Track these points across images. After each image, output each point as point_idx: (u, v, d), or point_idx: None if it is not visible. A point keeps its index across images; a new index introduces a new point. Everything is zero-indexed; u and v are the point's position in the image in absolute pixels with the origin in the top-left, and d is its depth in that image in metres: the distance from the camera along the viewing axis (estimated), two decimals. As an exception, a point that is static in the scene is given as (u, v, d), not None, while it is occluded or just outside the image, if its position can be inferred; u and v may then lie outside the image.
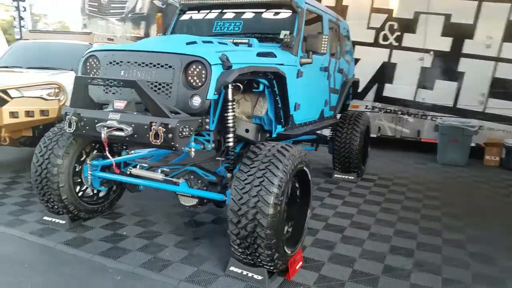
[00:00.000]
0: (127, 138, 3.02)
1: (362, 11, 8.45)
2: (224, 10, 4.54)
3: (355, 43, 8.44)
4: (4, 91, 4.98)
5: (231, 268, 3.13)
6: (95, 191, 4.13)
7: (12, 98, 5.01)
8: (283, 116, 3.94)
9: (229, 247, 3.06)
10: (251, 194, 2.86)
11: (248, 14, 4.43)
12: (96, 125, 3.10)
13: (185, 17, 4.77)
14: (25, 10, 11.18)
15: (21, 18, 11.05)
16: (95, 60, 3.45)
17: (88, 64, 3.49)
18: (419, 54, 8.06)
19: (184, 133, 2.91)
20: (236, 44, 3.93)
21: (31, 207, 4.32)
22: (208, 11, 4.62)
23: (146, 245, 3.56)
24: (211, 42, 3.65)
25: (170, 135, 2.85)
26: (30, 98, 5.16)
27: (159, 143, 2.88)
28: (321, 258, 3.46)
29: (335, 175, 6.05)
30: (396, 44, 8.23)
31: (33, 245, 3.53)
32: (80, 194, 4.03)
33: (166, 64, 3.11)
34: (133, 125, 2.97)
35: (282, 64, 3.78)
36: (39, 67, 5.99)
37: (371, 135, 8.14)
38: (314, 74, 4.59)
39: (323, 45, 4.09)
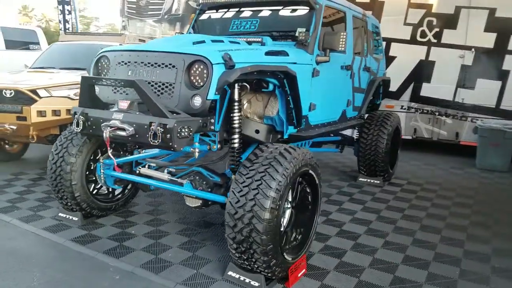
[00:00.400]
0: (129, 138, 3.02)
1: (399, 7, 8.07)
2: (242, 9, 4.46)
3: (390, 40, 8.16)
4: (34, 91, 5.20)
5: (229, 273, 3.05)
6: (110, 190, 4.20)
7: (40, 97, 5.22)
8: (295, 117, 3.81)
9: (230, 251, 2.99)
10: (248, 197, 2.77)
11: (265, 12, 4.33)
12: (101, 125, 3.12)
13: (204, 16, 4.73)
14: (69, 13, 11.70)
15: (65, 21, 11.57)
16: (106, 61, 3.49)
17: (99, 64, 3.53)
18: (459, 52, 7.57)
19: (183, 134, 2.86)
20: (249, 43, 3.85)
21: (50, 203, 4.46)
22: (226, 10, 4.56)
23: (151, 245, 3.56)
24: (221, 41, 3.59)
25: (168, 136, 2.81)
26: (57, 97, 5.35)
27: (157, 143, 2.85)
28: (327, 266, 3.29)
29: (360, 179, 5.81)
30: (435, 41, 7.78)
31: (44, 240, 3.63)
32: (94, 192, 4.12)
33: (170, 64, 3.08)
34: (134, 125, 2.97)
35: (294, 63, 3.65)
36: (71, 67, 6.22)
37: (406, 137, 7.84)
38: (333, 73, 4.41)
39: (341, 43, 3.92)
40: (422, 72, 7.95)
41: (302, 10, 4.15)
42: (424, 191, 5.49)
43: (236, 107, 3.37)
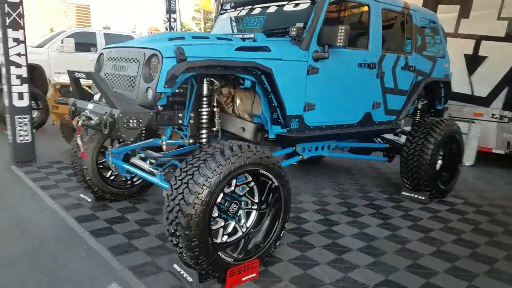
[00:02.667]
0: (97, 127, 3.25)
1: (491, -1, 6.98)
2: (254, 6, 4.41)
3: (480, 38, 7.09)
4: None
5: (174, 265, 3.05)
6: (125, 177, 4.54)
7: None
8: (281, 116, 3.63)
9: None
10: (178, 191, 2.75)
11: (272, 8, 4.21)
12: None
13: (224, 15, 4.80)
14: (175, 21, 12.82)
15: (171, 29, 12.69)
16: (102, 57, 3.81)
17: (100, 60, 3.87)
18: None
19: (131, 125, 2.97)
20: (243, 39, 3.80)
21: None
22: (241, 8, 4.56)
23: (133, 231, 3.75)
24: (205, 37, 3.62)
25: (116, 126, 2.96)
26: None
27: (107, 132, 3.02)
28: (284, 276, 3.06)
29: (403, 193, 5.17)
30: (536, 38, 6.53)
31: (54, 215, 4.12)
32: (112, 178, 4.52)
33: (136, 58, 3.24)
34: (98, 115, 3.19)
35: (278, 59, 3.49)
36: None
37: (497, 151, 6.76)
38: (345, 71, 4.06)
39: (339, 38, 3.59)
40: (519, 75, 6.73)
41: (304, 5, 3.92)
42: (478, 214, 4.64)
43: (205, 102, 3.39)
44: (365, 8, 4.25)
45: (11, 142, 6.02)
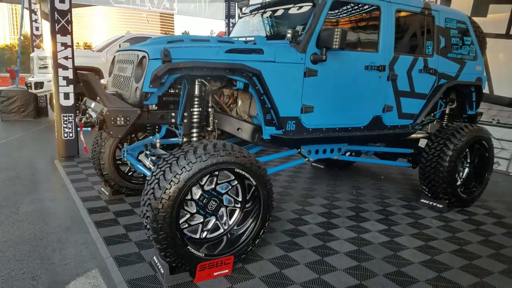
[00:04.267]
0: (95, 124, 3.52)
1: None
2: (266, 10, 4.48)
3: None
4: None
5: (153, 258, 3.23)
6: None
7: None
8: (275, 117, 3.66)
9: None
10: (151, 186, 2.91)
11: (279, 11, 4.25)
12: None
13: (241, 20, 4.92)
14: (233, 26, 13.17)
15: (230, 33, 13.06)
16: (114, 59, 4.11)
17: (113, 62, 4.17)
18: None
19: (118, 122, 3.20)
20: (246, 42, 3.90)
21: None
22: (256, 12, 4.65)
23: (134, 223, 4.00)
24: (206, 40, 3.76)
25: (106, 123, 3.20)
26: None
27: (98, 129, 3.28)
28: (257, 274, 3.10)
29: (422, 200, 4.93)
30: None
31: (73, 205, 4.52)
32: (129, 173, 4.83)
33: (131, 60, 3.47)
34: (95, 112, 3.46)
35: (272, 61, 3.54)
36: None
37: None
38: (348, 74, 3.97)
39: (335, 40, 3.54)
40: None
41: (306, 7, 3.91)
42: (495, 225, 4.31)
43: (196, 103, 3.53)
44: (375, 9, 4.12)
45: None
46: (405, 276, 3.15)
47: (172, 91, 3.57)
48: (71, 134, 6.69)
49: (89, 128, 8.68)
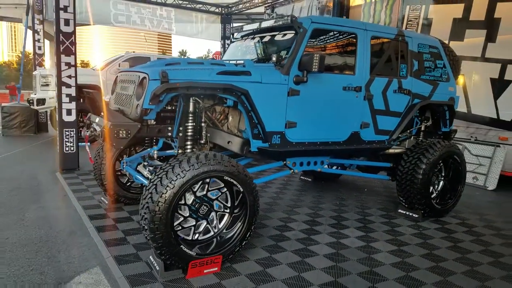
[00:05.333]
0: (99, 137, 3.91)
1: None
2: (255, 36, 4.94)
3: (506, 62, 7.00)
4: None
5: (150, 257, 3.58)
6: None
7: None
8: (262, 132, 4.07)
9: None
10: (149, 191, 3.29)
11: (267, 37, 4.71)
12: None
13: (233, 44, 5.39)
14: (228, 46, 13.73)
15: (225, 53, 13.64)
16: (117, 79, 4.53)
17: (116, 82, 4.59)
18: None
19: (120, 135, 3.60)
20: (236, 65, 4.33)
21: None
22: (246, 37, 5.11)
23: (132, 229, 4.35)
24: (200, 63, 4.20)
25: (109, 136, 3.59)
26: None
27: (102, 141, 3.67)
28: (243, 272, 3.46)
29: (400, 210, 5.33)
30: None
31: (74, 213, 4.86)
32: (128, 184, 5.19)
33: (133, 80, 3.89)
34: (100, 126, 3.86)
35: (258, 82, 3.96)
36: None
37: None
38: (327, 93, 4.40)
39: (314, 64, 3.99)
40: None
41: (290, 34, 4.37)
42: (465, 234, 4.69)
43: (190, 118, 3.93)
44: (353, 37, 4.59)
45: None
46: (376, 275, 3.52)
47: (169, 108, 3.98)
48: (72, 148, 7.07)
49: (89, 143, 9.05)
